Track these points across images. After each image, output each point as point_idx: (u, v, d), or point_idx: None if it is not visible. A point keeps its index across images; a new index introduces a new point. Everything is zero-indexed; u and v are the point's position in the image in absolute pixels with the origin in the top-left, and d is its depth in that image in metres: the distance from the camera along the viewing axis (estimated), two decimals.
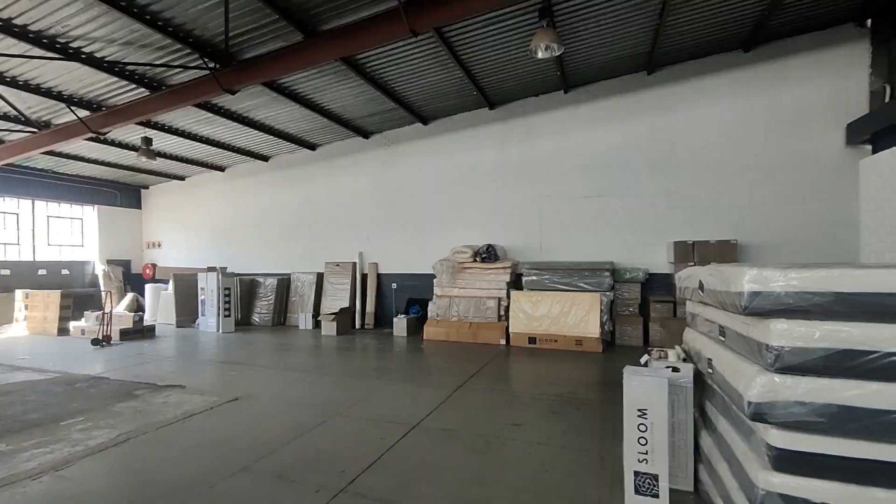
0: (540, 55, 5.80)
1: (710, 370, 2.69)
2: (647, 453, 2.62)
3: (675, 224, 8.06)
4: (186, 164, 12.11)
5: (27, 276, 12.03)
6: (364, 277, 10.85)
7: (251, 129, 9.70)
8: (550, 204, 9.06)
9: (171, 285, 11.64)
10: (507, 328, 8.23)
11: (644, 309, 8.08)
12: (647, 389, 2.61)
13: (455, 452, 3.65)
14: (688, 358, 3.17)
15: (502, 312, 8.57)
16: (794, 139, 7.38)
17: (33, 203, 12.54)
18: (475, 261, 8.94)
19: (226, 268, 10.76)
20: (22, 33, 5.77)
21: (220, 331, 10.15)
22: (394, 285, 10.61)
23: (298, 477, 3.26)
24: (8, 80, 7.01)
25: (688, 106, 8.03)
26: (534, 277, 8.43)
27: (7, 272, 11.72)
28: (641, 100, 8.35)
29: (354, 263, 10.86)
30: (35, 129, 8.71)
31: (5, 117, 8.32)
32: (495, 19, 6.24)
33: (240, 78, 6.55)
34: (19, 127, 8.69)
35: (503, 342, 8.17)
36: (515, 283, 8.92)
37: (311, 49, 6.12)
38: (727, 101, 7.77)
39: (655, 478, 2.61)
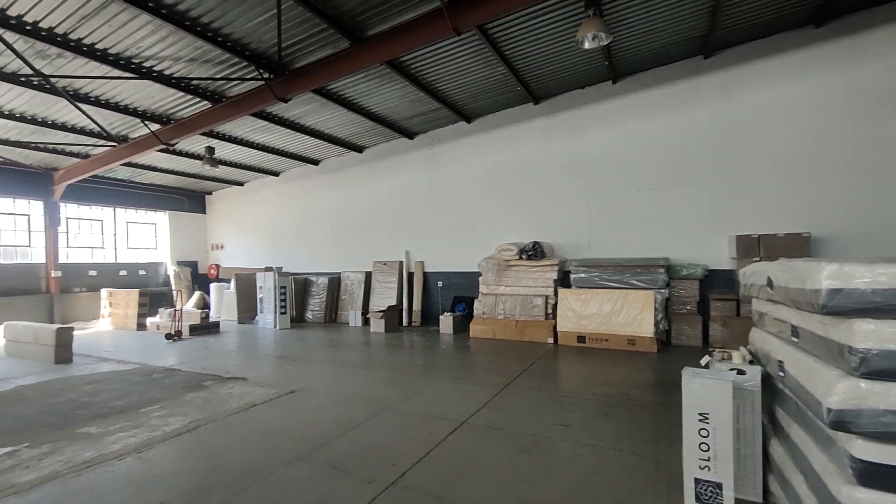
0: (587, 46, 5.63)
1: (780, 373, 2.49)
2: (709, 460, 2.47)
3: (737, 217, 7.53)
4: (244, 171, 12.88)
5: (110, 276, 13.36)
6: (410, 276, 11.03)
7: (302, 135, 10.15)
8: (599, 199, 8.76)
9: (232, 284, 12.44)
10: (555, 327, 8.06)
11: (703, 307, 7.61)
12: (708, 393, 2.46)
13: (503, 451, 3.63)
14: (755, 360, 2.95)
15: (550, 310, 8.40)
16: (879, 121, 6.64)
17: (115, 211, 13.86)
18: (521, 258, 8.82)
19: (281, 267, 11.35)
20: (103, 56, 6.38)
21: (277, 327, 10.71)
22: (439, 283, 10.71)
23: (351, 468, 3.38)
24: (92, 99, 7.78)
25: (751, 90, 7.45)
26: (582, 275, 8.20)
27: (95, 273, 13.06)
28: (698, 86, 7.86)
29: (401, 262, 11.07)
30: (115, 143, 9.61)
31: (91, 133, 9.25)
32: (539, 12, 6.12)
33: (292, 86, 6.88)
34: (102, 142, 9.64)
35: (551, 341, 8.02)
36: (563, 280, 8.72)
37: (358, 54, 6.31)
38: (797, 83, 7.13)
39: (719, 486, 2.46)
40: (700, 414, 2.48)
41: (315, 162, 12.60)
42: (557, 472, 3.26)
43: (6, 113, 8.11)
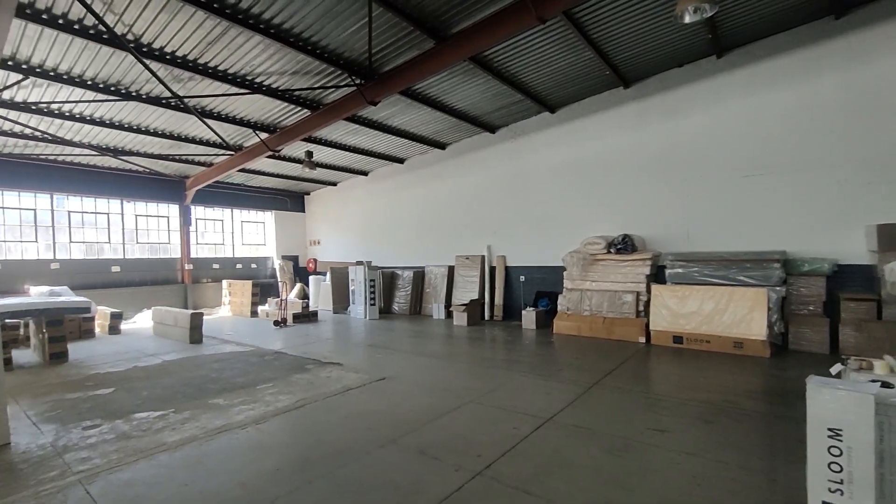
0: (687, 19, 5.13)
1: None
2: (841, 483, 2.17)
3: (876, 203, 6.37)
4: (337, 172, 13.87)
5: (229, 269, 15.29)
6: (492, 270, 11.05)
7: (389, 135, 10.64)
8: (699, 187, 7.98)
9: (328, 277, 13.52)
10: (647, 325, 7.55)
11: (831, 308, 6.59)
12: (842, 406, 2.15)
13: (591, 451, 3.52)
14: None
15: (641, 308, 7.88)
16: None
17: (232, 211, 15.78)
18: (609, 252, 8.39)
19: (371, 261, 12.06)
20: (223, 76, 7.28)
21: (367, 317, 11.43)
22: (522, 278, 10.58)
23: (439, 454, 3.52)
24: (214, 114, 8.93)
25: None
26: (679, 270, 7.57)
27: (217, 266, 15.04)
28: (825, 52, 6.77)
29: (483, 256, 11.14)
30: (232, 152, 10.94)
31: (213, 144, 10.63)
32: None
33: (381, 90, 7.25)
34: (222, 151, 11.02)
35: (642, 340, 7.53)
36: (656, 276, 8.13)
37: (442, 53, 6.45)
38: None
39: None
40: (830, 430, 2.18)
41: (400, 160, 13.14)
42: (652, 479, 3.08)
43: (151, 131, 9.63)
